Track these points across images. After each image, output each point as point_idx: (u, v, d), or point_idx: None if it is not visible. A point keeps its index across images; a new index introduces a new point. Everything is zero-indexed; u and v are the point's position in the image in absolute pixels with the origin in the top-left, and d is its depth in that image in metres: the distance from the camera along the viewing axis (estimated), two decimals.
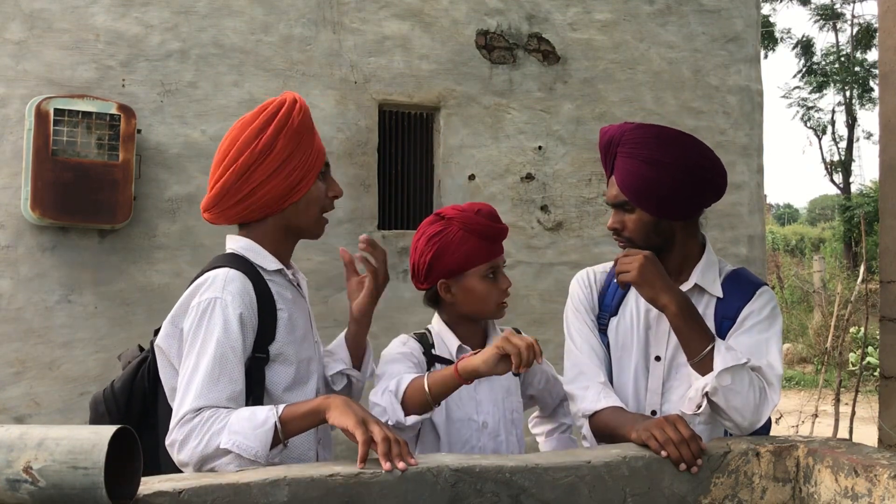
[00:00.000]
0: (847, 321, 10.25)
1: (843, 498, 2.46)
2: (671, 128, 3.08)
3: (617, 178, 2.98)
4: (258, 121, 2.86)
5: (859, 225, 23.13)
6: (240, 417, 2.49)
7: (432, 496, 2.31)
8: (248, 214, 2.91)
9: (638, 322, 3.06)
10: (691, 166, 2.93)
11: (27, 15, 5.58)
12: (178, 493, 2.10)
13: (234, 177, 2.83)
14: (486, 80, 6.76)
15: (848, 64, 34.42)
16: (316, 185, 2.92)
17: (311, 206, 2.92)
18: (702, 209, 3.08)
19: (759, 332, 2.90)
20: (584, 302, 3.19)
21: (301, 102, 2.93)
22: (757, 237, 7.61)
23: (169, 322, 2.80)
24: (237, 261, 2.86)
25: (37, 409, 5.46)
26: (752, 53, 7.69)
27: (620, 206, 3.00)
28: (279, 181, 2.83)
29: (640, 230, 2.98)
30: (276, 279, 2.92)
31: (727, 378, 2.66)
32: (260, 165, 2.81)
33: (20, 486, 1.91)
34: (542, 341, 6.34)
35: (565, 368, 3.13)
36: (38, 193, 5.28)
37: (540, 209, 6.86)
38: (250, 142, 2.83)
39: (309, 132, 2.90)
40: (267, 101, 2.97)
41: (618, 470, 2.50)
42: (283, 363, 2.82)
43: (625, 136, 2.99)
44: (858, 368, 9.54)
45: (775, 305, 2.99)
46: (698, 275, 3.01)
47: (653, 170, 2.90)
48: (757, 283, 3.06)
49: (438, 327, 3.29)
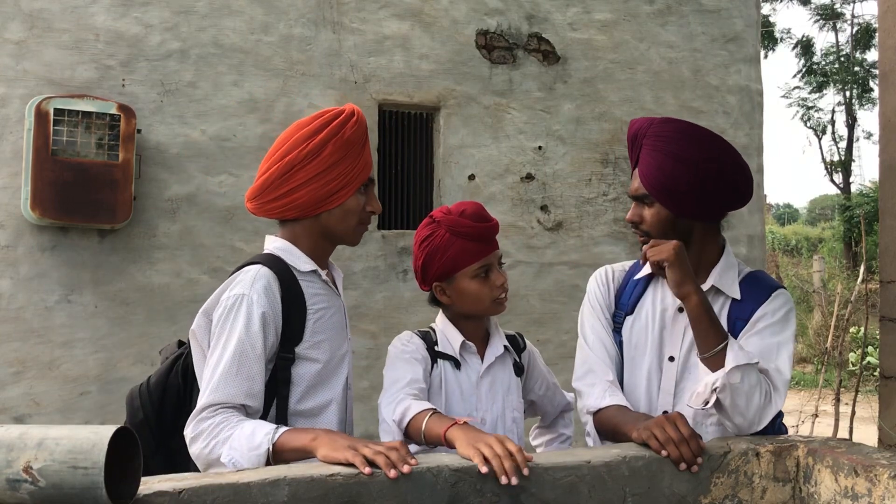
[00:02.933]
0: (847, 321, 10.23)
1: (844, 498, 2.45)
2: (700, 126, 3.05)
3: (640, 170, 2.96)
4: (313, 125, 2.93)
5: (859, 225, 23.14)
6: (242, 434, 2.54)
7: (432, 496, 2.30)
8: (285, 212, 2.95)
9: (653, 322, 3.05)
10: (715, 166, 2.91)
11: (27, 15, 5.58)
12: (178, 492, 2.10)
13: (277, 173, 2.90)
14: (486, 79, 6.76)
15: (848, 64, 34.41)
16: (354, 197, 2.95)
17: (348, 217, 2.97)
18: (724, 213, 3.05)
19: (771, 334, 2.88)
20: (601, 299, 3.18)
21: (359, 116, 2.98)
22: (757, 237, 7.62)
23: (201, 313, 2.86)
24: (272, 260, 2.90)
25: (37, 408, 5.46)
26: (751, 53, 7.69)
27: (641, 199, 2.99)
28: (318, 186, 2.88)
29: (657, 225, 2.96)
30: (310, 279, 2.96)
31: (737, 376, 2.65)
32: (304, 167, 2.87)
33: (20, 485, 1.91)
34: (542, 341, 6.38)
35: (576, 365, 3.13)
36: (38, 193, 5.28)
37: (540, 209, 6.86)
38: (300, 143, 2.90)
39: (358, 146, 2.95)
40: (328, 108, 3.04)
41: (618, 470, 2.49)
42: (309, 363, 2.86)
43: (651, 129, 2.97)
44: (858, 368, 9.53)
45: (790, 309, 2.96)
46: (716, 276, 3.00)
47: (675, 165, 2.87)
48: (774, 285, 3.03)
49: (442, 325, 3.30)
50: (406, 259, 6.41)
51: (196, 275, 5.86)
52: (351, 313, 6.03)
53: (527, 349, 3.47)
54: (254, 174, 5.94)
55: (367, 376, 5.99)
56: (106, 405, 5.57)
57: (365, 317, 6.27)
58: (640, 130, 3.01)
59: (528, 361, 3.44)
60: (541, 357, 3.54)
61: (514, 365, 3.36)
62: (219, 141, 5.96)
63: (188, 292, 5.79)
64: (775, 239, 34.14)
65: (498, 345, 3.30)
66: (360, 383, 5.85)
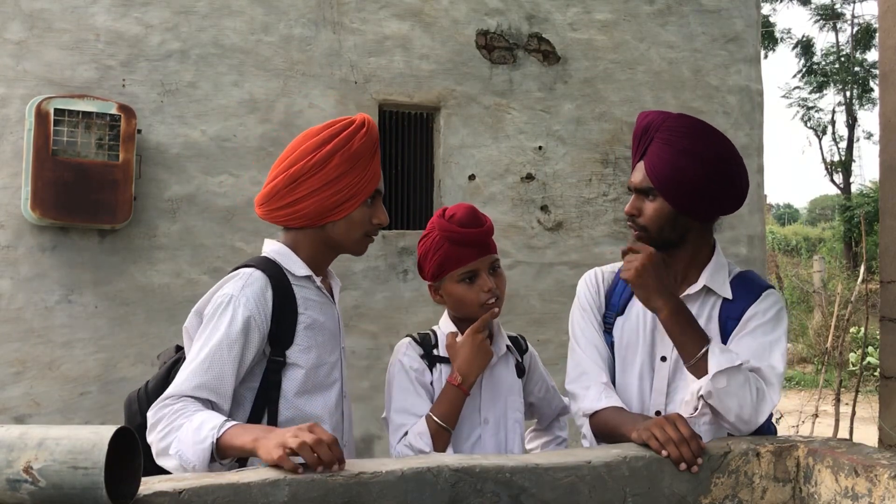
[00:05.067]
0: (847, 321, 10.24)
1: (844, 498, 2.46)
2: (712, 125, 3.04)
3: (647, 163, 2.95)
4: (321, 135, 2.92)
5: (859, 225, 23.13)
6: (191, 426, 2.51)
7: (432, 496, 2.31)
8: (291, 221, 2.95)
9: (644, 322, 3.05)
10: (724, 167, 2.92)
11: (27, 15, 5.58)
12: (178, 493, 2.10)
13: (283, 182, 2.89)
14: (487, 80, 6.76)
15: (848, 64, 34.44)
16: (360, 209, 2.95)
17: (353, 229, 2.97)
18: (719, 214, 3.06)
19: (762, 334, 2.88)
20: (591, 301, 3.18)
21: (369, 127, 2.98)
22: (757, 237, 7.62)
23: (194, 312, 2.88)
24: (266, 264, 2.91)
25: (37, 408, 5.46)
26: (752, 53, 7.69)
27: (643, 191, 2.97)
28: (324, 198, 2.88)
29: (656, 220, 2.95)
30: (304, 284, 2.96)
31: (722, 380, 2.65)
32: (309, 178, 2.87)
33: (20, 485, 1.91)
34: (542, 341, 6.39)
35: (568, 367, 3.13)
36: (39, 193, 5.28)
37: (540, 209, 6.86)
38: (307, 154, 2.88)
39: (367, 157, 2.94)
40: (340, 117, 3.03)
41: (618, 470, 2.50)
42: (299, 368, 2.86)
43: (665, 123, 2.96)
44: (859, 368, 9.54)
45: (781, 308, 2.97)
46: (707, 276, 2.99)
47: (686, 160, 2.87)
48: (764, 285, 3.04)
49: (445, 326, 3.32)
50: (406, 259, 6.41)
51: (196, 275, 5.86)
52: (351, 313, 6.08)
53: (528, 351, 3.49)
54: (254, 174, 5.97)
55: (367, 376, 6.00)
56: (106, 405, 5.57)
57: (365, 317, 6.27)
58: (653, 123, 3.00)
59: (529, 363, 3.46)
60: (540, 360, 3.56)
61: (516, 366, 3.38)
62: (219, 141, 5.96)
63: (188, 292, 5.79)
64: (775, 239, 34.17)
65: (501, 345, 3.31)
66: (361, 383, 5.86)
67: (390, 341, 3.25)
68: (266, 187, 2.94)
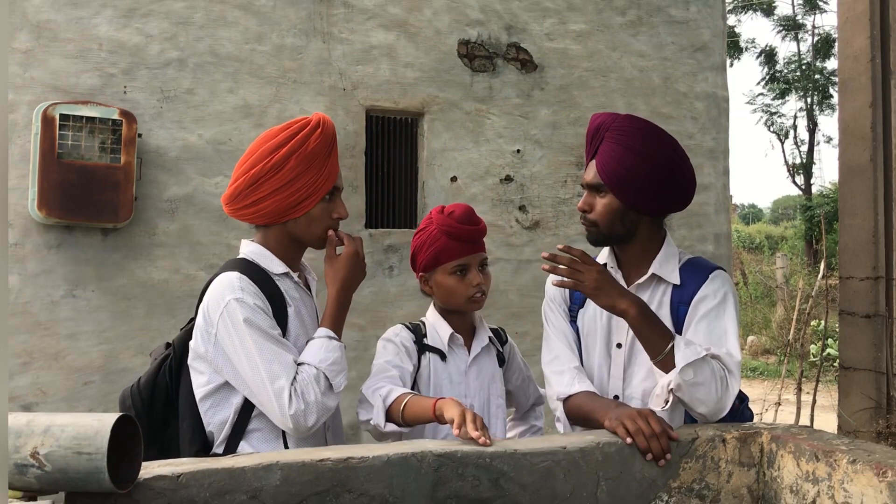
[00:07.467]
0: (808, 315, 10.29)
1: (805, 482, 2.47)
2: (660, 127, 3.06)
3: (598, 161, 2.96)
4: (278, 138, 2.90)
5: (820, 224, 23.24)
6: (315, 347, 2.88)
7: (416, 480, 2.31)
8: (255, 219, 2.96)
9: (601, 311, 3.05)
10: (670, 165, 2.94)
11: (34, 25, 5.56)
12: (176, 476, 2.11)
13: (244, 184, 2.89)
14: (468, 87, 6.76)
15: (809, 72, 34.53)
16: (319, 206, 2.95)
17: (313, 225, 2.96)
18: (667, 211, 3.07)
19: (715, 316, 2.87)
20: (557, 295, 3.22)
21: (325, 127, 2.96)
22: (723, 235, 7.65)
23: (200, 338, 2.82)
24: (245, 265, 2.89)
25: (43, 397, 5.45)
26: (718, 62, 7.72)
27: (595, 188, 2.99)
28: (283, 197, 2.88)
29: (606, 215, 2.96)
30: (283, 280, 2.97)
31: (689, 373, 2.65)
32: (268, 180, 2.86)
33: (28, 470, 1.92)
34: (521, 333, 6.39)
35: (543, 353, 3.16)
36: (45, 194, 5.26)
37: (518, 209, 6.87)
38: (265, 156, 2.88)
39: (322, 156, 2.92)
40: (298, 118, 3.01)
41: (592, 455, 2.50)
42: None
43: (615, 124, 2.98)
44: (819, 359, 9.57)
45: (729, 288, 2.96)
46: (657, 265, 3.00)
47: (635, 159, 2.88)
48: (710, 267, 3.03)
49: (433, 318, 3.38)
50: (392, 256, 6.41)
51: (193, 271, 5.85)
52: None
53: (508, 342, 3.58)
54: None
55: (354, 367, 5.98)
56: (109, 394, 5.55)
57: (353, 311, 6.15)
58: (604, 124, 3.02)
59: (508, 353, 3.53)
60: (519, 352, 3.62)
61: (497, 356, 3.45)
62: (215, 144, 5.95)
63: (186, 287, 5.78)
64: (740, 237, 34.26)
65: (483, 336, 3.40)
66: (349, 373, 5.84)
67: (376, 333, 3.27)
68: (230, 187, 2.95)
